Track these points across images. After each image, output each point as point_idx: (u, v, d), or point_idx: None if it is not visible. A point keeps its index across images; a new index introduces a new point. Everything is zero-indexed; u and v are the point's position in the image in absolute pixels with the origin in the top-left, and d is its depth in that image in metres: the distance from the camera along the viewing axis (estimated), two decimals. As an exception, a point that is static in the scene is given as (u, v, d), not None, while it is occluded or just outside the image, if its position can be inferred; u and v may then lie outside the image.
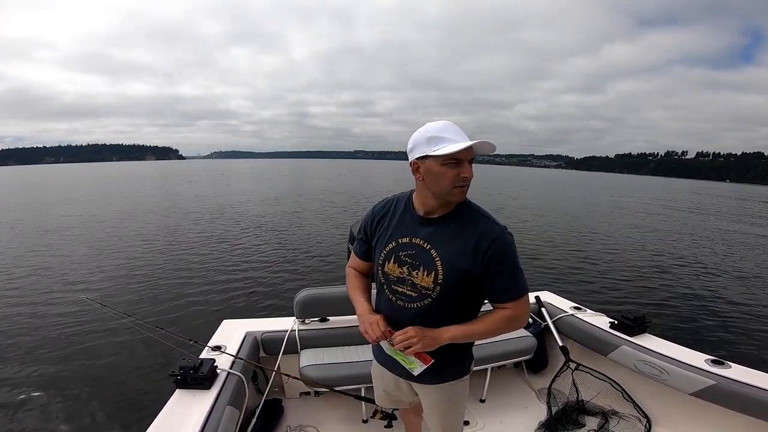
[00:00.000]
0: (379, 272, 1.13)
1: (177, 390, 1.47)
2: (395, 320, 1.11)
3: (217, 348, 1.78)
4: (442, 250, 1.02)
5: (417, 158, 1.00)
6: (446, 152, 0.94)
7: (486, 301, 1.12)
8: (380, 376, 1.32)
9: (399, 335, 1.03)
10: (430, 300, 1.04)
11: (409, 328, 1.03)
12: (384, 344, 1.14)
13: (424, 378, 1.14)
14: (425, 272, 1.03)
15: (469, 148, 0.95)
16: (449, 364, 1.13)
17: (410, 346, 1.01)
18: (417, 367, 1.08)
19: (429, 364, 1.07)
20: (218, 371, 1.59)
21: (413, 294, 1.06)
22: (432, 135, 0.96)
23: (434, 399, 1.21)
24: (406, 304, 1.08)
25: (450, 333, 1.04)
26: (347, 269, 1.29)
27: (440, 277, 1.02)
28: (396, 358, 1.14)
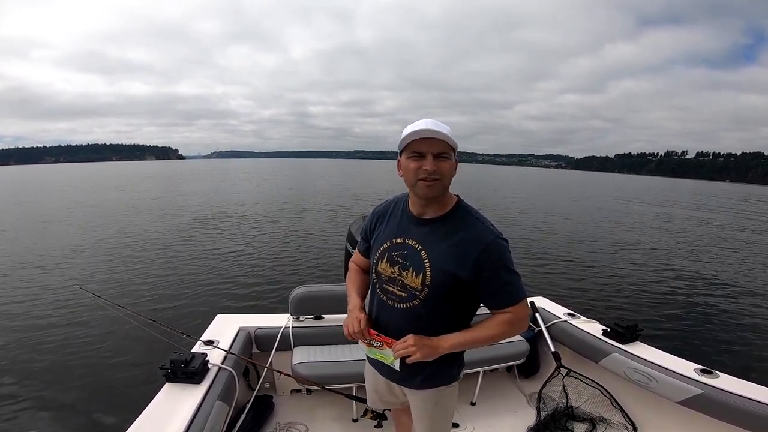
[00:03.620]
0: (373, 271, 1.14)
1: (166, 383, 1.47)
2: (385, 319, 1.12)
3: (209, 342, 1.78)
4: (431, 252, 1.02)
5: (399, 155, 1.05)
6: (401, 142, 0.99)
7: (481, 306, 1.11)
8: (372, 378, 1.32)
9: (399, 344, 1.03)
10: (418, 301, 1.04)
11: (409, 336, 1.02)
12: (361, 345, 1.15)
13: (412, 382, 1.15)
14: (414, 273, 1.03)
15: (430, 141, 0.96)
16: (438, 369, 1.12)
17: (410, 355, 1.00)
18: (395, 360, 1.08)
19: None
20: (209, 366, 1.59)
21: (403, 294, 1.06)
22: (405, 132, 1.00)
23: (422, 403, 1.21)
24: (396, 304, 1.08)
25: (450, 341, 1.03)
26: (350, 264, 1.32)
27: (428, 278, 1.01)
28: (375, 357, 1.14)
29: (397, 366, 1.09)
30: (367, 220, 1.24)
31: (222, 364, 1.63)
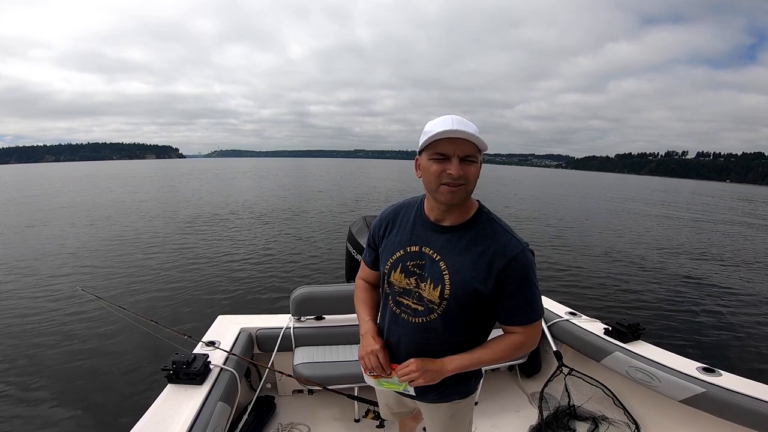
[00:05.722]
0: (385, 282, 1.06)
1: (168, 385, 1.47)
2: (397, 334, 1.04)
3: (211, 343, 1.78)
4: (452, 263, 0.93)
5: (418, 153, 0.94)
6: (423, 142, 0.87)
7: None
8: (383, 391, 1.27)
9: (401, 369, 0.98)
10: (435, 315, 0.96)
11: (411, 361, 0.98)
12: (367, 378, 1.07)
13: (426, 397, 1.09)
14: (432, 285, 0.95)
15: (456, 143, 0.84)
16: (453, 384, 1.06)
17: (413, 379, 0.97)
18: (408, 386, 1.03)
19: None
20: (211, 367, 1.59)
21: (419, 308, 0.98)
22: (426, 129, 0.89)
23: (436, 416, 1.15)
24: (411, 318, 1.00)
25: (455, 363, 0.97)
26: (357, 280, 1.21)
27: (447, 291, 0.93)
28: (383, 387, 1.09)
29: (411, 391, 1.04)
30: (373, 226, 1.12)
31: (223, 365, 1.63)
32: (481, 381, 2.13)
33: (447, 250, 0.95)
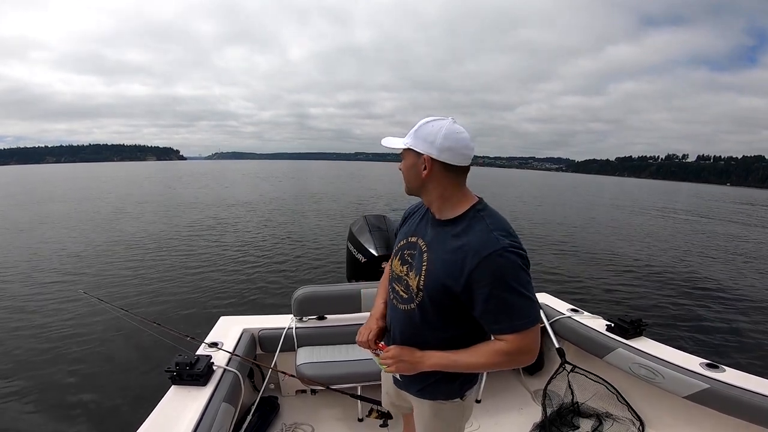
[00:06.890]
0: (391, 267, 1.15)
1: (172, 386, 1.48)
2: (390, 319, 1.12)
3: (213, 344, 1.78)
4: (432, 256, 0.96)
5: None
6: None
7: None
8: (385, 380, 1.32)
9: (384, 352, 1.04)
10: (414, 305, 1.00)
11: (392, 347, 1.03)
12: (371, 355, 1.15)
13: (410, 389, 1.13)
14: (415, 275, 0.99)
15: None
16: (437, 382, 1.06)
17: (388, 365, 1.03)
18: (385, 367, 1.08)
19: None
20: (214, 368, 1.59)
21: (405, 295, 1.03)
22: None
23: (421, 411, 1.17)
24: (398, 305, 1.07)
25: (433, 360, 0.98)
26: (387, 266, 1.28)
27: (422, 283, 0.96)
28: (380, 367, 1.14)
29: (397, 375, 1.10)
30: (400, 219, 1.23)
31: (227, 365, 1.64)
32: (476, 387, 2.13)
33: (434, 242, 0.98)
